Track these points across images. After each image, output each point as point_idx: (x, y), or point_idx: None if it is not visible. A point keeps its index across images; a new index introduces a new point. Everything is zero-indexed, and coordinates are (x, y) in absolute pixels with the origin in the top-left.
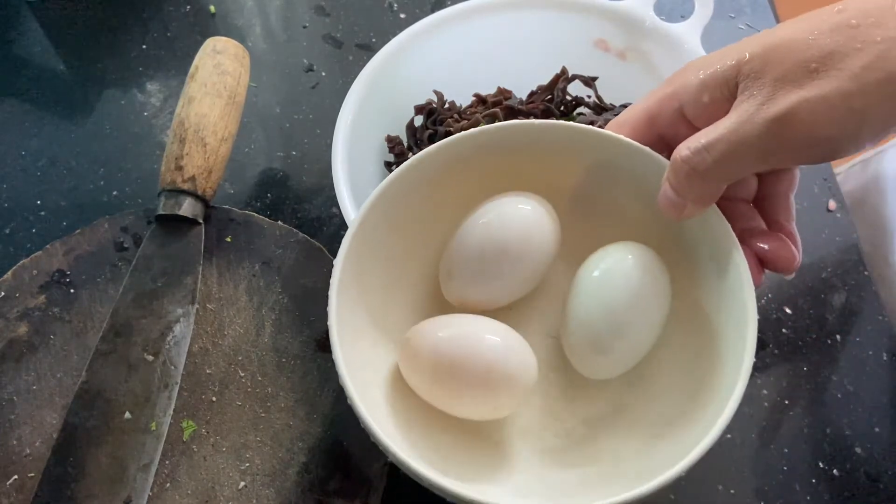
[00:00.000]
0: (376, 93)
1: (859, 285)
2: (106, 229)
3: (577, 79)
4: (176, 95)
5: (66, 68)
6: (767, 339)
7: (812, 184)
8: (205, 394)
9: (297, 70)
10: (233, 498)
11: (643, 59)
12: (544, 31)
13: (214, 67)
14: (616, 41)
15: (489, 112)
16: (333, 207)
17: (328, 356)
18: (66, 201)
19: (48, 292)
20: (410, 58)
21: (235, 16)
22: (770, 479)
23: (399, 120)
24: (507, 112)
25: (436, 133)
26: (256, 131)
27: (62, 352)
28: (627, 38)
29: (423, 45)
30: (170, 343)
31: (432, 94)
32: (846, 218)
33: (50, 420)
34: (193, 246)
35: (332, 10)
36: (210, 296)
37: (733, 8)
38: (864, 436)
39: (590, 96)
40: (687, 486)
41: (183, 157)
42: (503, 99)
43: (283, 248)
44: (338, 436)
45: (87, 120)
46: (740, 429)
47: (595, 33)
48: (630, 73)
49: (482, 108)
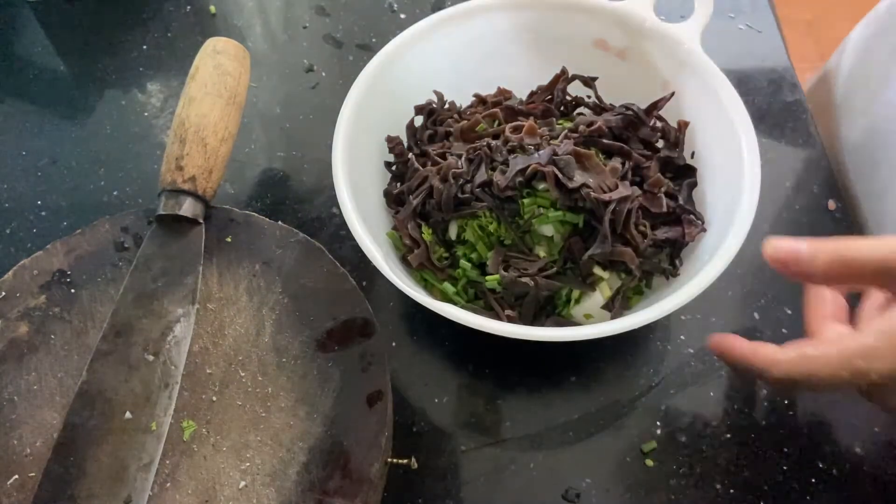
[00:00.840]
0: (376, 93)
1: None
2: (106, 229)
3: (577, 79)
4: (176, 96)
5: (66, 68)
6: (767, 339)
7: (812, 184)
8: (205, 393)
9: (297, 70)
10: (233, 497)
11: (643, 59)
12: (544, 31)
13: (215, 68)
14: (616, 41)
15: (489, 112)
16: (333, 207)
17: (328, 356)
18: (67, 201)
19: (49, 292)
20: (410, 58)
21: (236, 16)
22: (770, 479)
23: (399, 120)
24: (506, 112)
25: (436, 133)
26: (257, 131)
27: (63, 352)
28: (627, 38)
29: (422, 46)
30: (170, 343)
31: (432, 94)
32: (846, 218)
33: (50, 420)
34: (194, 246)
35: (333, 11)
36: (210, 296)
37: (733, 8)
38: (864, 436)
39: (589, 96)
40: (687, 486)
41: (183, 158)
42: (503, 99)
43: (284, 248)
44: (338, 436)
45: (88, 120)
46: (740, 428)
47: (595, 33)
48: (630, 73)
49: (482, 109)
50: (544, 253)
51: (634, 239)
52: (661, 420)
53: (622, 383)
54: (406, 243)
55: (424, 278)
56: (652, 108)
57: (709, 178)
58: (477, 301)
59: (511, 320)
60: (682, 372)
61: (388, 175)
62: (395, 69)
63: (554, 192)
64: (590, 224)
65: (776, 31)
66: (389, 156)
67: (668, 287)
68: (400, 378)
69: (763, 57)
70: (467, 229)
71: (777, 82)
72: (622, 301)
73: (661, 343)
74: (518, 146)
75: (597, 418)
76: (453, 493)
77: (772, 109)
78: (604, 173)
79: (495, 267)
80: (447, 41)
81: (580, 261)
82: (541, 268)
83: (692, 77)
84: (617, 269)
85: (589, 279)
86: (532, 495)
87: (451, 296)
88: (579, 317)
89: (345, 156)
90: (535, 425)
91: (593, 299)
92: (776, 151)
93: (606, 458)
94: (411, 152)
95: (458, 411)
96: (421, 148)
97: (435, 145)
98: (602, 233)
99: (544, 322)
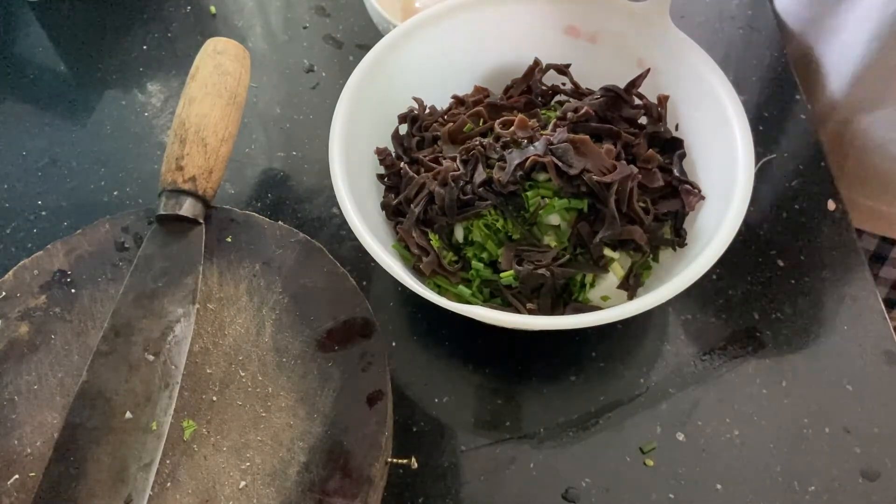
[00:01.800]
0: (365, 98)
1: (859, 285)
2: (107, 229)
3: (552, 68)
4: (176, 96)
5: (66, 68)
6: (767, 339)
7: (812, 184)
8: (205, 393)
9: (297, 70)
10: (233, 497)
11: (615, 40)
12: (513, 24)
13: (215, 68)
14: (587, 26)
15: (473, 112)
16: (333, 207)
17: (328, 356)
18: (67, 201)
19: (49, 292)
20: (389, 67)
21: (236, 16)
22: (770, 479)
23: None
24: (490, 109)
25: (423, 140)
26: (257, 131)
27: (63, 352)
28: (597, 21)
29: (399, 54)
30: (170, 343)
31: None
32: (845, 218)
33: (51, 420)
34: (194, 246)
35: (333, 11)
36: (211, 296)
37: (733, 8)
38: (864, 436)
39: (564, 83)
40: (687, 486)
41: (184, 158)
42: (483, 97)
43: (284, 248)
44: (338, 436)
45: (88, 120)
46: (740, 429)
47: (565, 20)
48: (602, 56)
49: (463, 109)
50: (554, 242)
51: (639, 216)
52: (661, 420)
53: (622, 383)
54: (415, 252)
55: (437, 284)
56: (631, 87)
57: (697, 147)
58: (493, 299)
59: (532, 313)
60: (682, 372)
61: (381, 187)
62: (379, 75)
63: (556, 180)
64: (594, 207)
65: (776, 31)
66: (381, 168)
67: (677, 258)
68: (400, 378)
69: (763, 57)
70: (473, 230)
71: (777, 82)
72: (635, 279)
73: (661, 343)
74: (511, 141)
75: (597, 418)
76: (453, 492)
77: (771, 110)
78: (600, 156)
79: (508, 263)
80: (421, 47)
81: (590, 245)
82: (554, 257)
83: (665, 50)
84: (626, 248)
85: (601, 262)
86: (532, 495)
87: (468, 298)
88: (596, 300)
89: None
90: (535, 425)
91: (607, 281)
92: (776, 151)
93: (606, 458)
94: (402, 161)
95: (457, 411)
96: (411, 156)
97: (424, 151)
98: (609, 214)
99: (564, 310)
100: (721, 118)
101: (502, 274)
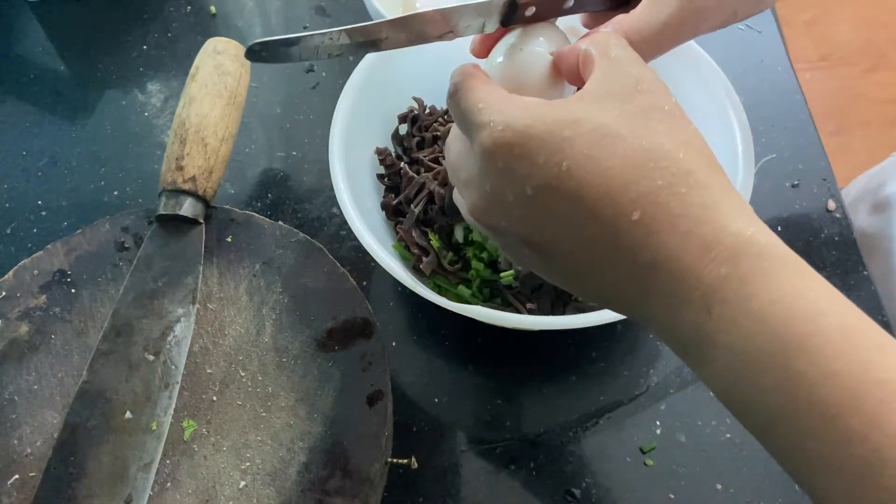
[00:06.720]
0: (365, 98)
1: (859, 285)
2: (107, 229)
3: None
4: (176, 96)
5: (66, 68)
6: None
7: (812, 184)
8: (205, 393)
9: (297, 70)
10: (233, 497)
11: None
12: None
13: (215, 68)
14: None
15: None
16: (333, 207)
17: (329, 356)
18: (67, 201)
19: (49, 292)
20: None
21: (236, 16)
22: (770, 479)
23: (391, 118)
24: None
25: (423, 140)
26: (257, 131)
27: (63, 351)
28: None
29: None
30: (170, 343)
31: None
32: (845, 218)
33: (51, 419)
34: (194, 246)
35: (332, 11)
36: (211, 296)
37: None
38: None
39: None
40: (687, 486)
41: (184, 158)
42: None
43: (284, 248)
44: (338, 436)
45: (88, 120)
46: (740, 429)
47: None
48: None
49: None
50: None
51: None
52: (661, 420)
53: (622, 383)
54: (415, 252)
55: (437, 284)
56: None
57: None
58: (493, 299)
59: (532, 313)
60: (682, 372)
61: (381, 187)
62: (375, 81)
63: None
64: None
65: (776, 31)
66: (381, 168)
67: None
68: (400, 378)
69: (762, 57)
70: (473, 230)
71: (776, 82)
72: None
73: (661, 343)
74: None
75: (597, 418)
76: (453, 492)
77: (771, 110)
78: None
79: (508, 263)
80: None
81: None
82: None
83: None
84: None
85: None
86: (532, 495)
87: (469, 298)
88: None
89: (342, 156)
90: (535, 425)
91: None
92: (776, 151)
93: (606, 458)
94: (402, 161)
95: (457, 411)
96: (411, 156)
97: (424, 151)
98: None
99: (564, 310)
100: (721, 118)
101: (502, 274)
